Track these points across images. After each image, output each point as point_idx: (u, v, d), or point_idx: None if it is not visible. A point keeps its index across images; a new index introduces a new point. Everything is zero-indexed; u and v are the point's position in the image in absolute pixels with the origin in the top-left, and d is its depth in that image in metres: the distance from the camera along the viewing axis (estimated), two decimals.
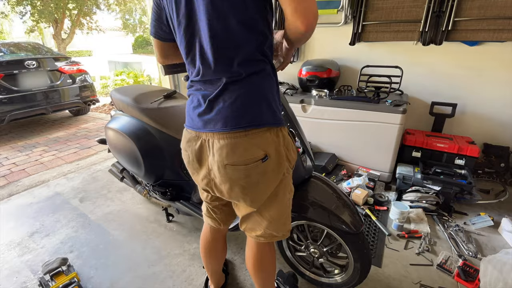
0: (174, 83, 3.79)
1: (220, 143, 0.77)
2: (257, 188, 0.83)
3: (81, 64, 4.46)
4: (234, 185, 0.82)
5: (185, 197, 1.70)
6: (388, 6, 2.36)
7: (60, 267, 1.45)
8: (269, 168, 0.80)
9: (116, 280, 1.49)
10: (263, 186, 0.83)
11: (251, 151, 0.77)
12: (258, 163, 0.78)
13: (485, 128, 2.38)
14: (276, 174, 0.84)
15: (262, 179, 0.82)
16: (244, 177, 0.80)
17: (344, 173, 2.35)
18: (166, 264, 1.58)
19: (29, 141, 3.77)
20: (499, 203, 2.04)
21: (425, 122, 2.54)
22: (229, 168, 0.79)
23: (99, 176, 2.66)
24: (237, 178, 0.80)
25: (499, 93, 2.25)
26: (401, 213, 1.75)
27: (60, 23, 11.25)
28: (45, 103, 3.89)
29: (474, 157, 2.09)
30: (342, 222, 1.11)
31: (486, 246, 1.64)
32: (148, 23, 5.11)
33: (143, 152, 1.57)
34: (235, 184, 0.82)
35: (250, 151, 0.77)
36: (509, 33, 2.03)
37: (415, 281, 1.41)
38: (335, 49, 2.76)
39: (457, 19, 2.15)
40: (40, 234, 1.86)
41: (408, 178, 2.09)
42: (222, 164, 0.79)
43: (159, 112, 1.54)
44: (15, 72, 3.60)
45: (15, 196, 2.36)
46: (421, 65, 2.44)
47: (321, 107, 2.27)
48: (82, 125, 4.44)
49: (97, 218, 2.01)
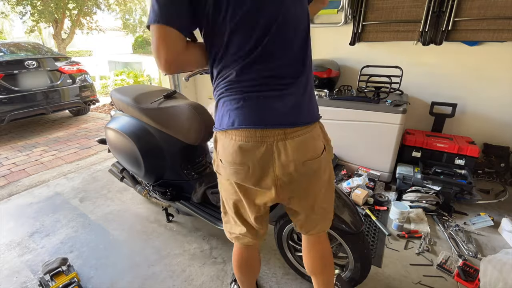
0: (174, 83, 3.79)
1: (295, 140, 0.75)
2: (327, 178, 0.88)
3: (81, 64, 4.46)
4: (312, 181, 0.84)
5: (185, 197, 1.70)
6: (388, 6, 2.36)
7: (60, 267, 1.45)
8: (328, 157, 0.87)
9: (116, 280, 1.49)
10: (330, 174, 0.89)
11: (319, 142, 0.82)
12: (324, 154, 0.83)
13: (485, 128, 2.38)
14: (330, 162, 0.90)
15: (327, 167, 0.87)
16: (318, 170, 0.83)
17: (344, 173, 2.34)
18: (166, 264, 1.58)
19: (29, 141, 3.77)
20: (499, 203, 2.04)
21: (425, 122, 2.54)
22: (307, 164, 0.79)
23: (99, 176, 2.66)
24: (313, 172, 0.82)
25: (499, 93, 2.25)
26: (401, 213, 1.75)
27: (60, 23, 11.24)
28: (45, 103, 3.89)
29: (474, 157, 2.09)
30: (342, 222, 1.11)
31: (486, 246, 1.64)
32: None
33: (143, 152, 1.57)
34: (311, 179, 0.83)
35: (319, 143, 0.82)
36: (509, 33, 2.03)
37: (415, 281, 1.41)
38: (335, 49, 2.76)
39: (457, 19, 2.15)
40: (40, 234, 1.86)
41: (408, 178, 2.09)
42: (300, 162, 0.77)
43: (159, 112, 1.54)
44: (15, 72, 3.60)
45: (15, 196, 2.36)
46: (421, 65, 2.44)
47: (321, 107, 2.20)
48: (82, 125, 4.44)
49: (97, 218, 2.01)
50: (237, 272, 1.12)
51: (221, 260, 1.59)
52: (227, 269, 1.53)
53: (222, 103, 0.78)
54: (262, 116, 0.74)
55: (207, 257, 1.61)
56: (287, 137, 0.74)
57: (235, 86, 0.74)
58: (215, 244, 1.71)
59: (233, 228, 1.00)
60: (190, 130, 1.45)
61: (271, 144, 0.74)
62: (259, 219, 0.93)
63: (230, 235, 1.03)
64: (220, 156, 0.83)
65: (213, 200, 1.54)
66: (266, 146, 0.74)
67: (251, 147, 0.75)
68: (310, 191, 0.86)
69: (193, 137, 1.47)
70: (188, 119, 1.43)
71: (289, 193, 0.84)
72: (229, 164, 0.80)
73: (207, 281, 1.46)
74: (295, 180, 0.80)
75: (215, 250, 1.67)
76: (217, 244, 1.71)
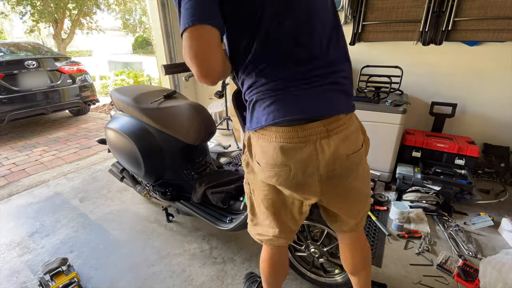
0: (174, 83, 3.79)
1: (339, 136, 0.73)
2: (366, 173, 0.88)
3: (81, 64, 4.46)
4: (354, 176, 0.81)
5: (185, 197, 1.70)
6: (388, 6, 2.36)
7: (60, 267, 1.45)
8: (367, 149, 0.87)
9: (116, 280, 1.49)
10: (367, 168, 0.89)
11: (359, 135, 0.81)
12: (363, 146, 0.82)
13: (485, 128, 2.38)
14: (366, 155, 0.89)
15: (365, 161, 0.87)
16: (360, 162, 0.81)
17: None
18: (166, 264, 1.58)
19: (29, 141, 3.77)
20: (499, 203, 2.04)
21: (425, 122, 2.54)
22: (351, 158, 0.76)
23: (99, 176, 2.66)
24: (355, 166, 0.80)
25: (499, 93, 2.25)
26: (401, 213, 1.75)
27: (60, 23, 11.25)
28: (45, 103, 3.89)
29: (474, 157, 2.09)
30: None
31: (486, 246, 1.64)
32: (148, 23, 5.04)
33: (143, 152, 1.57)
34: (354, 173, 0.81)
35: (359, 136, 0.81)
36: (509, 33, 2.03)
37: (415, 281, 1.41)
38: None
39: (457, 19, 2.15)
40: (40, 234, 1.86)
41: (408, 178, 2.09)
42: (344, 157, 0.74)
43: (159, 112, 1.54)
44: (15, 72, 3.60)
45: (15, 196, 2.36)
46: (421, 65, 2.44)
47: None
48: (82, 125, 4.44)
49: (97, 218, 2.01)
50: (269, 276, 1.07)
51: (221, 260, 1.59)
52: (227, 269, 1.53)
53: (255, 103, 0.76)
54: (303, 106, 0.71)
55: (207, 257, 1.61)
56: (330, 134, 0.72)
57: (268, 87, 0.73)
58: (215, 244, 1.71)
59: (265, 231, 0.95)
60: (190, 130, 1.45)
61: (314, 143, 0.71)
62: (301, 218, 0.91)
63: (261, 237, 0.97)
64: (258, 158, 0.79)
65: (213, 200, 1.54)
66: (309, 145, 0.71)
67: (294, 147, 0.72)
68: (356, 185, 0.85)
69: (193, 137, 1.47)
70: (188, 119, 1.43)
71: (333, 188, 0.81)
72: (269, 167, 0.76)
73: (207, 281, 1.46)
74: (339, 175, 0.78)
75: (215, 250, 1.67)
76: (217, 244, 1.71)
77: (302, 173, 0.74)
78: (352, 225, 0.95)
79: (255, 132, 0.78)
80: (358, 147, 0.79)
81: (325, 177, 0.76)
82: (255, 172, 0.84)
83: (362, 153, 0.81)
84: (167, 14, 3.51)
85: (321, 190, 0.79)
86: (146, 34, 18.94)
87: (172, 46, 3.68)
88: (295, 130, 0.71)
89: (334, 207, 0.90)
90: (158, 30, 3.56)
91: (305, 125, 0.71)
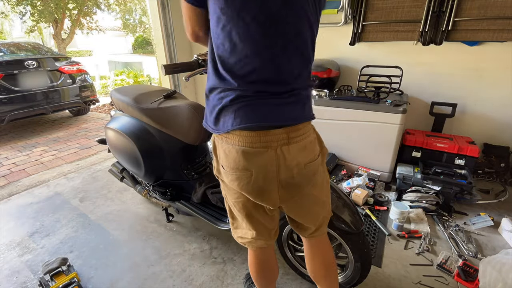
0: (174, 83, 3.79)
1: (298, 144, 0.76)
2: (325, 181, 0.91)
3: (81, 64, 4.46)
4: (312, 184, 0.84)
5: (185, 197, 1.70)
6: (388, 6, 2.36)
7: (60, 267, 1.45)
8: (323, 159, 0.89)
9: (116, 280, 1.49)
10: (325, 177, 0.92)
11: (315, 146, 0.84)
12: (319, 156, 0.85)
13: (485, 128, 2.38)
14: (324, 165, 0.91)
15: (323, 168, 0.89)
16: (316, 171, 0.84)
17: (344, 173, 2.34)
18: (166, 264, 1.58)
19: (29, 141, 3.77)
20: (499, 203, 2.04)
21: (425, 122, 2.54)
22: (308, 167, 0.80)
23: (99, 176, 2.66)
24: (312, 174, 0.82)
25: (499, 93, 2.25)
26: (401, 213, 1.75)
27: (60, 23, 11.24)
28: (45, 103, 3.89)
29: (474, 157, 2.09)
30: (342, 221, 1.11)
31: (486, 246, 1.64)
32: (148, 23, 5.05)
33: (143, 152, 1.57)
34: (311, 182, 0.84)
35: (316, 146, 0.84)
36: (509, 33, 2.03)
37: (415, 281, 1.41)
38: (335, 49, 2.76)
39: (457, 19, 2.15)
40: (40, 234, 1.86)
41: (408, 178, 2.09)
42: (302, 165, 0.78)
43: (159, 112, 1.54)
44: (15, 72, 3.60)
45: (15, 196, 2.36)
46: (421, 65, 2.44)
47: (321, 107, 2.26)
48: (82, 125, 4.44)
49: (97, 218, 2.01)
50: (258, 278, 1.07)
51: (221, 260, 1.59)
52: (227, 269, 1.53)
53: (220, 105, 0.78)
54: (264, 113, 0.72)
55: (207, 257, 1.61)
56: (290, 141, 0.74)
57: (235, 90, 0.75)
58: (215, 244, 1.71)
59: (244, 233, 0.97)
60: (190, 130, 1.45)
61: (275, 149, 0.74)
62: (272, 217, 0.95)
63: (242, 240, 0.99)
64: (222, 162, 0.81)
65: (213, 200, 1.54)
66: (270, 151, 0.73)
67: (255, 152, 0.74)
68: (314, 194, 0.88)
69: (193, 137, 1.47)
70: (188, 119, 1.43)
71: (291, 197, 0.84)
72: (232, 170, 0.78)
73: (207, 281, 1.46)
74: (297, 183, 0.80)
75: (215, 250, 1.67)
76: (217, 244, 1.71)
77: (262, 178, 0.76)
78: (312, 230, 0.98)
79: (220, 135, 0.79)
80: (314, 156, 0.82)
81: (284, 184, 0.78)
82: (223, 176, 0.85)
83: (318, 163, 0.84)
84: (167, 14, 3.51)
85: (280, 198, 0.82)
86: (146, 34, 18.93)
87: (172, 46, 3.67)
88: (258, 135, 0.72)
89: (292, 214, 0.94)
90: (158, 30, 3.56)
91: (268, 131, 0.73)
